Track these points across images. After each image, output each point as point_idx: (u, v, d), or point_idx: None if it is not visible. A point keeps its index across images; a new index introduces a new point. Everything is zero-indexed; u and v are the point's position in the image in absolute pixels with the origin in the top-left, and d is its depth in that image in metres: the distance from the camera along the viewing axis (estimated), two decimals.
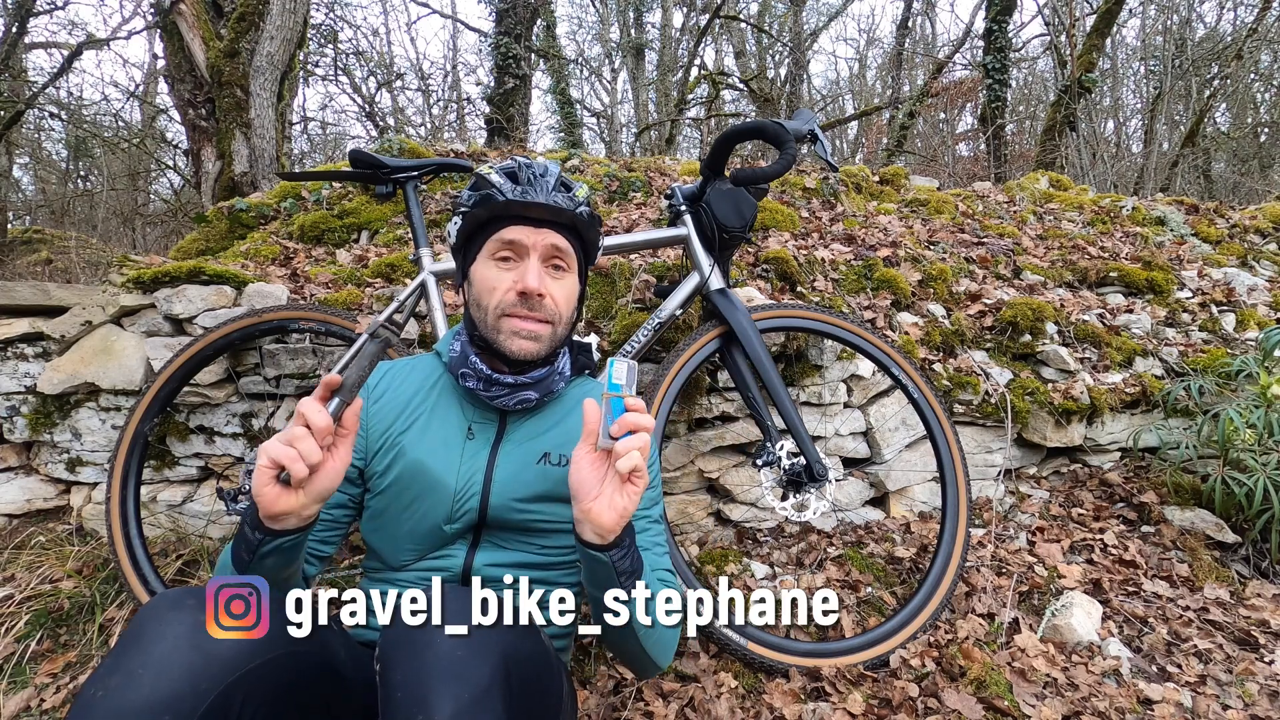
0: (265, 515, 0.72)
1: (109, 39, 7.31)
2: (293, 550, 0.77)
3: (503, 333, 0.91)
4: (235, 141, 3.70)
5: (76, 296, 1.95)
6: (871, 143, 10.22)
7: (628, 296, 1.96)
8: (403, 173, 1.69)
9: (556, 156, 3.03)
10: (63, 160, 9.40)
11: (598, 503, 0.76)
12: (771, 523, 1.91)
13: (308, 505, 0.73)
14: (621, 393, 0.76)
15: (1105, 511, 2.03)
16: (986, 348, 2.21)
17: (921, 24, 12.19)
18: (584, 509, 0.76)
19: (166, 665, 0.66)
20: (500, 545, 0.96)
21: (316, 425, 0.70)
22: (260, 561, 0.75)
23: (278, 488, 0.71)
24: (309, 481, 0.72)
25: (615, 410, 0.75)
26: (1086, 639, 1.54)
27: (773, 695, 1.36)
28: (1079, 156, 7.10)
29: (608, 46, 12.72)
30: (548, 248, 0.93)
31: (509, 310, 0.91)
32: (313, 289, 1.99)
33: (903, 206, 3.03)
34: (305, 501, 0.73)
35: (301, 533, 0.76)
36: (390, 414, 0.98)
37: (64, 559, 1.70)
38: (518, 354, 0.91)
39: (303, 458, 0.70)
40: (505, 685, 0.70)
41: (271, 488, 0.71)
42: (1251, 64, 8.21)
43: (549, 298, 0.92)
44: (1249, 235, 3.29)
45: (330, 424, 0.72)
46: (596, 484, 0.76)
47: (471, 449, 0.96)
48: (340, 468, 0.75)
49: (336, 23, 9.03)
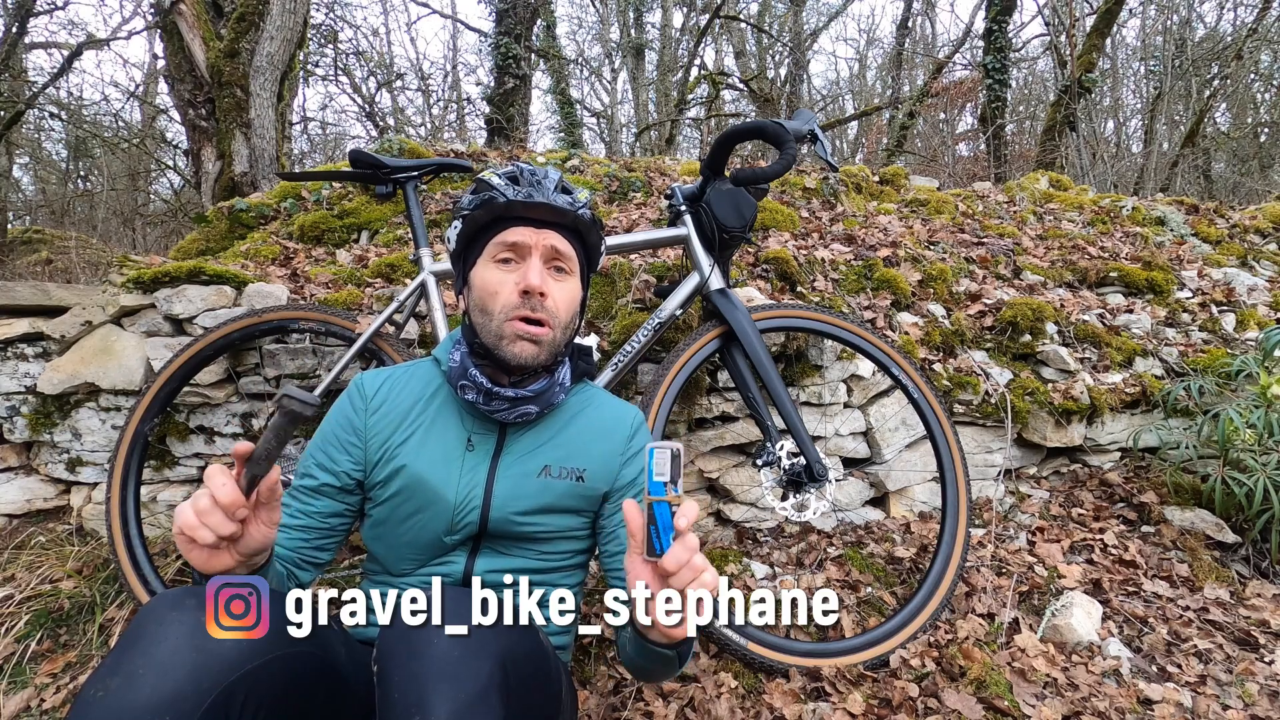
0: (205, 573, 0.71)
1: (109, 39, 7.31)
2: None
3: (505, 336, 0.90)
4: (235, 141, 3.70)
5: (76, 296, 1.95)
6: (871, 143, 10.22)
7: (628, 296, 1.96)
8: (403, 173, 1.69)
9: (556, 156, 3.03)
10: (63, 160, 9.41)
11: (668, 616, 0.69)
12: (771, 523, 1.91)
13: (246, 560, 0.73)
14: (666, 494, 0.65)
15: (1105, 511, 2.03)
16: (986, 348, 2.21)
17: (921, 24, 12.20)
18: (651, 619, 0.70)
19: (167, 665, 0.65)
20: (500, 552, 0.96)
21: (221, 501, 0.68)
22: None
23: (204, 551, 0.70)
24: (238, 543, 0.71)
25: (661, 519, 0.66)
26: (1086, 639, 1.54)
27: (773, 695, 1.36)
28: (1079, 156, 7.10)
29: (608, 46, 12.72)
30: (549, 249, 0.92)
31: (514, 313, 0.90)
32: (313, 289, 1.99)
33: (903, 206, 3.03)
34: (241, 558, 0.72)
35: (254, 572, 0.75)
36: (389, 425, 0.97)
37: (64, 559, 1.70)
38: (518, 356, 0.90)
39: (211, 530, 0.68)
40: (504, 685, 0.70)
41: (197, 552, 0.70)
42: (1251, 64, 8.20)
43: (550, 298, 0.91)
44: (1249, 235, 3.29)
45: (236, 498, 0.68)
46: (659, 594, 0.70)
47: (471, 461, 0.95)
48: (269, 530, 0.73)
49: (336, 23, 9.03)
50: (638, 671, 0.88)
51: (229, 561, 0.72)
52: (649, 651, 0.76)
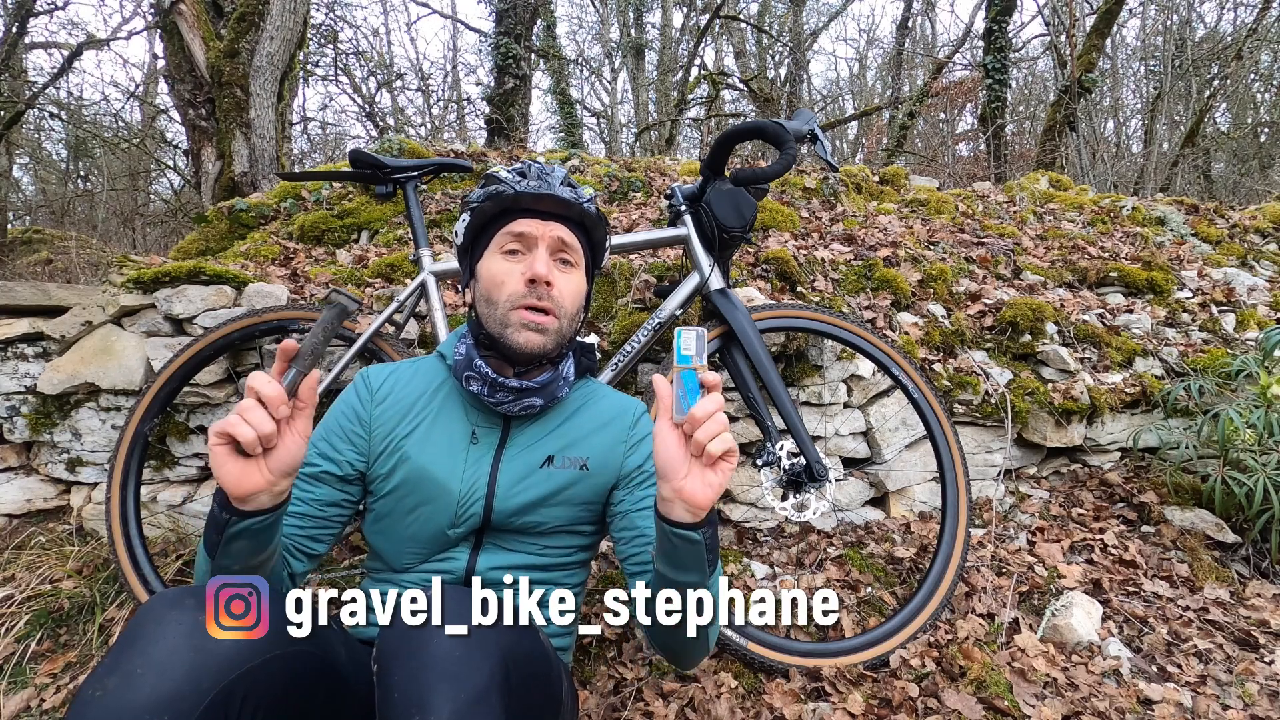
0: (233, 496, 0.71)
1: (109, 39, 7.32)
2: (264, 534, 0.75)
3: (511, 325, 0.90)
4: (235, 141, 3.70)
5: (76, 296, 1.95)
6: (871, 143, 10.22)
7: (628, 296, 1.96)
8: (403, 173, 1.69)
9: (556, 156, 3.03)
10: (63, 160, 9.41)
11: (689, 480, 0.71)
12: (771, 523, 1.91)
13: (276, 481, 0.71)
14: (693, 365, 0.71)
15: (1105, 511, 2.03)
16: (986, 348, 2.21)
17: (921, 24, 12.20)
18: (676, 487, 0.71)
19: (165, 665, 0.65)
20: (503, 548, 0.96)
21: (266, 395, 0.68)
22: (228, 545, 0.73)
23: (238, 463, 0.69)
24: (269, 456, 0.71)
25: (687, 383, 0.71)
26: (1086, 639, 1.54)
27: (773, 695, 1.36)
28: (1079, 156, 7.10)
29: (608, 46, 12.72)
30: (555, 240, 0.93)
31: (520, 302, 0.91)
32: (313, 289, 1.99)
33: (903, 206, 3.03)
34: (271, 478, 0.71)
35: (272, 513, 0.74)
36: (394, 417, 0.97)
37: (64, 559, 1.70)
38: (524, 346, 0.90)
39: (252, 426, 0.68)
40: (504, 685, 0.70)
41: (231, 463, 0.69)
42: (1251, 64, 8.21)
43: (556, 288, 0.92)
44: (1249, 235, 3.29)
45: (280, 393, 0.69)
46: (683, 461, 0.72)
47: (475, 454, 0.95)
48: (301, 441, 0.73)
49: (336, 23, 9.03)
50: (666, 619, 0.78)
51: (259, 480, 0.70)
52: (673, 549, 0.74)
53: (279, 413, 0.70)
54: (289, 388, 0.71)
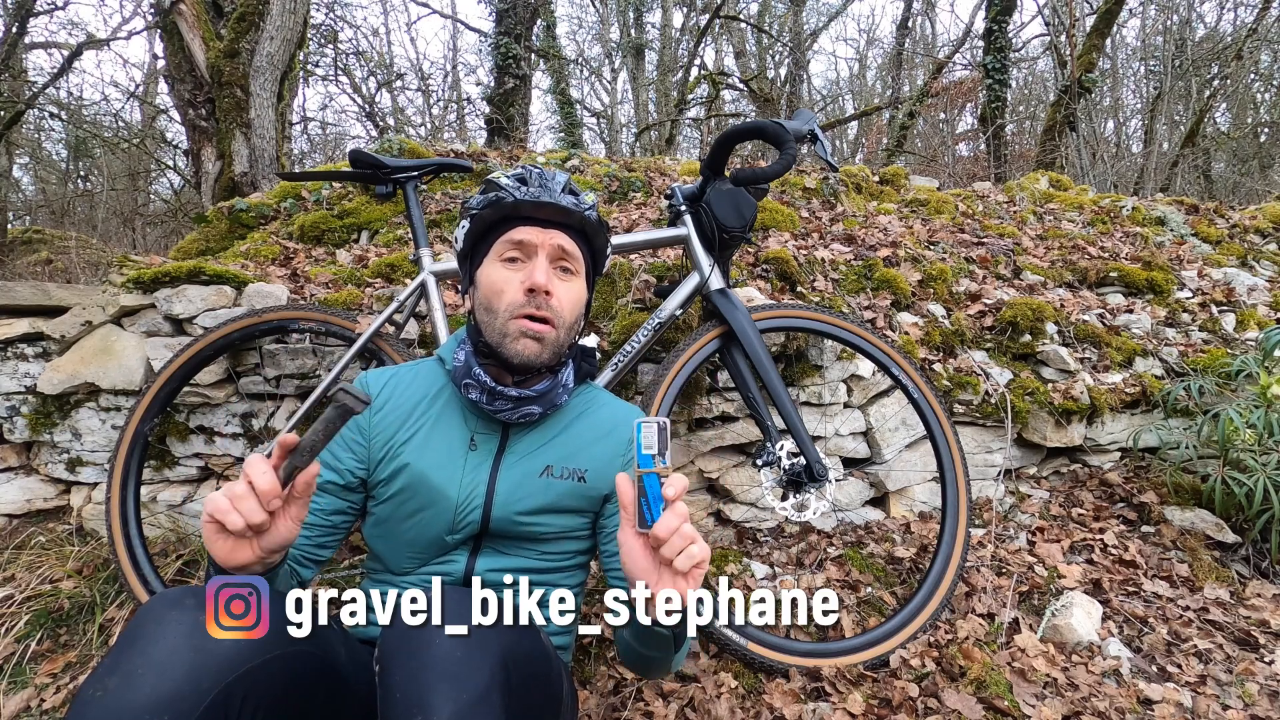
0: (225, 567, 0.72)
1: (109, 39, 7.31)
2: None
3: (509, 334, 0.90)
4: (235, 141, 3.70)
5: (76, 296, 1.95)
6: (871, 143, 10.22)
7: (628, 296, 1.96)
8: (403, 173, 1.69)
9: (556, 156, 3.03)
10: (63, 160, 9.41)
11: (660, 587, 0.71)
12: (771, 523, 1.91)
13: (266, 557, 0.73)
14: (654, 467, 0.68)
15: (1105, 511, 2.03)
16: (986, 348, 2.21)
17: (921, 24, 12.20)
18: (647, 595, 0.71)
19: (165, 665, 0.65)
20: (501, 552, 0.96)
21: (260, 489, 0.69)
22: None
23: (229, 541, 0.70)
24: (261, 536, 0.71)
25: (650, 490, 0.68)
26: (1086, 639, 1.54)
27: (773, 695, 1.36)
28: (1079, 156, 7.10)
29: (608, 46, 12.72)
30: (555, 248, 0.93)
31: (518, 311, 0.90)
32: (313, 289, 1.99)
33: (903, 206, 3.03)
34: (262, 554, 0.72)
35: (266, 574, 0.75)
36: (393, 423, 0.97)
37: (64, 559, 1.70)
38: (521, 354, 0.90)
39: (243, 516, 0.68)
40: (505, 685, 0.70)
41: (221, 541, 0.70)
42: (1251, 64, 8.20)
43: (555, 297, 0.92)
44: (1249, 235, 3.29)
45: (275, 487, 0.69)
46: (653, 570, 0.71)
47: (474, 461, 0.95)
48: (294, 526, 0.73)
49: (336, 23, 9.03)
50: (635, 661, 0.87)
51: (249, 556, 0.71)
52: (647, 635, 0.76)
53: (271, 505, 0.70)
54: (284, 479, 0.70)
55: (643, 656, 0.82)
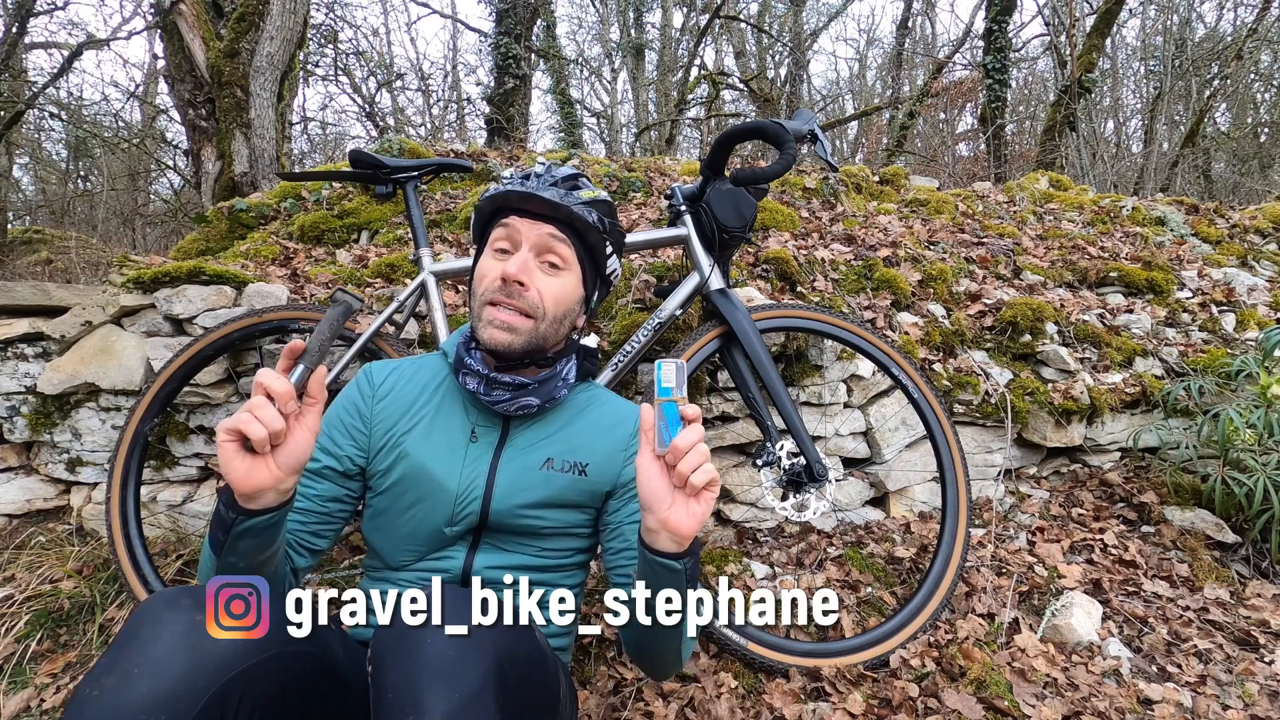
0: (240, 493, 0.71)
1: (109, 39, 7.31)
2: (269, 531, 0.75)
3: (482, 320, 0.92)
4: (235, 141, 3.70)
5: (76, 296, 1.95)
6: (871, 143, 10.22)
7: (628, 296, 1.96)
8: (403, 173, 1.69)
9: (556, 157, 3.03)
10: (63, 160, 9.41)
11: (674, 511, 0.72)
12: (771, 523, 1.91)
13: (283, 479, 0.72)
14: (673, 397, 0.72)
15: (1105, 511, 2.03)
16: (986, 348, 2.21)
17: (921, 24, 12.20)
18: (660, 519, 0.73)
19: (162, 664, 0.65)
20: (500, 548, 0.96)
21: (276, 391, 0.69)
22: (234, 543, 0.74)
23: (246, 460, 0.69)
24: (277, 452, 0.71)
25: (669, 415, 0.72)
26: (1086, 639, 1.54)
27: (773, 695, 1.36)
28: (1079, 156, 7.11)
29: (608, 46, 12.72)
30: (540, 241, 0.93)
31: (491, 298, 0.91)
32: (313, 289, 1.99)
33: (903, 206, 3.03)
34: (279, 474, 0.71)
35: (277, 511, 0.74)
36: (394, 414, 0.97)
37: (64, 559, 1.70)
38: (491, 341, 0.91)
39: (263, 423, 0.68)
40: (500, 685, 0.69)
41: (239, 460, 0.69)
42: (1251, 64, 8.20)
43: (533, 290, 0.91)
44: (1249, 235, 3.29)
45: (290, 389, 0.70)
46: (667, 493, 0.73)
47: (474, 453, 0.95)
48: (310, 437, 0.73)
49: (336, 23, 9.03)
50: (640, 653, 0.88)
51: (266, 477, 0.70)
52: (657, 574, 0.76)
53: (288, 409, 0.70)
54: (297, 384, 0.71)
55: (655, 627, 0.79)
